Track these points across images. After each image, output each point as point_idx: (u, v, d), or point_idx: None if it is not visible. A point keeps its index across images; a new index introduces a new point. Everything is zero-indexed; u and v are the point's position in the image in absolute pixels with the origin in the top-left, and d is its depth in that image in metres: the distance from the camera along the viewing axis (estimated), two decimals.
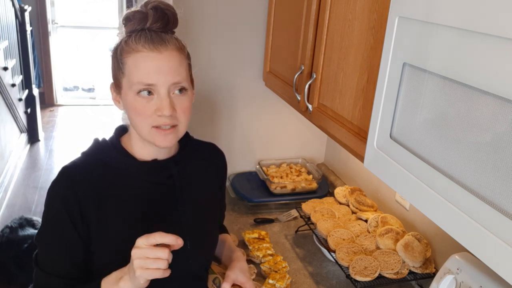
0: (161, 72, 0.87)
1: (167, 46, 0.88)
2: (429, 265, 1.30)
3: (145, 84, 0.87)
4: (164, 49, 0.87)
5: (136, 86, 0.88)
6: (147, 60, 0.87)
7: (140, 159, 0.99)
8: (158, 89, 0.88)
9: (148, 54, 0.87)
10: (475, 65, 0.60)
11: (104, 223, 0.93)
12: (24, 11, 4.05)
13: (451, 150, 0.66)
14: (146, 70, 0.87)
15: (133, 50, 0.88)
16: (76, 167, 0.95)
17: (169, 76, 0.88)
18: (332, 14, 1.17)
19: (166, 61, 0.87)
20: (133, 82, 0.88)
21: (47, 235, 0.95)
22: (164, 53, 0.87)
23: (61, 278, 0.93)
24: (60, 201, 0.91)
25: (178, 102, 0.91)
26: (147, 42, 0.87)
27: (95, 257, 0.95)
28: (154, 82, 0.87)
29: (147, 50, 0.87)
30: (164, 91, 0.88)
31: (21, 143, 4.02)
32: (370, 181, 1.70)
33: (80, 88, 5.80)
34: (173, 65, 0.88)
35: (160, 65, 0.87)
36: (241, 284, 1.03)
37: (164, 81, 0.88)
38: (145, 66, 0.87)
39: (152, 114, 0.89)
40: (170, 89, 0.89)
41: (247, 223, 1.67)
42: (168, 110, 0.88)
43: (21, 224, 2.60)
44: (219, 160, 1.17)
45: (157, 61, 0.87)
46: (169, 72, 0.88)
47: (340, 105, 1.14)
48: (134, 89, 0.89)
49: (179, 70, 0.89)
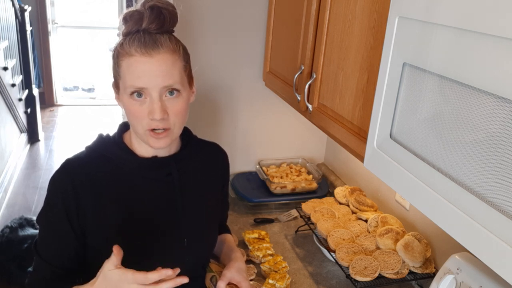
0: (151, 76, 0.88)
1: (159, 49, 0.88)
2: (429, 265, 1.30)
3: (136, 87, 0.88)
4: (156, 53, 0.87)
5: (129, 89, 0.89)
6: (138, 64, 0.88)
7: (141, 156, 1.00)
8: (149, 92, 0.89)
9: (139, 59, 0.87)
10: (475, 65, 0.60)
11: (102, 218, 0.95)
12: (24, 11, 4.04)
13: (451, 150, 0.66)
14: (137, 74, 0.88)
15: (127, 54, 0.88)
16: (78, 161, 0.97)
17: (159, 79, 0.88)
18: (332, 14, 1.17)
19: (157, 65, 0.88)
20: (126, 85, 0.90)
21: (43, 223, 0.98)
22: (155, 57, 0.87)
23: (52, 266, 0.96)
24: (58, 193, 0.94)
25: (171, 105, 0.91)
26: (140, 46, 0.87)
27: (91, 250, 0.97)
28: (144, 86, 0.88)
29: (139, 54, 0.87)
30: (156, 95, 0.89)
31: (21, 143, 4.02)
32: (370, 181, 1.70)
33: (80, 88, 5.80)
34: (165, 68, 0.88)
35: (150, 68, 0.87)
36: (237, 283, 1.04)
37: (154, 84, 0.88)
38: (136, 70, 0.88)
39: (146, 117, 0.90)
40: (161, 92, 0.89)
41: (247, 223, 1.67)
42: (159, 113, 0.88)
43: (21, 224, 2.61)
44: (221, 159, 1.17)
45: (148, 64, 0.87)
46: (160, 76, 0.88)
47: (340, 105, 1.14)
48: (127, 91, 0.90)
49: (171, 72, 0.89)
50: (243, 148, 1.93)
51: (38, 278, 0.98)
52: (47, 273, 0.97)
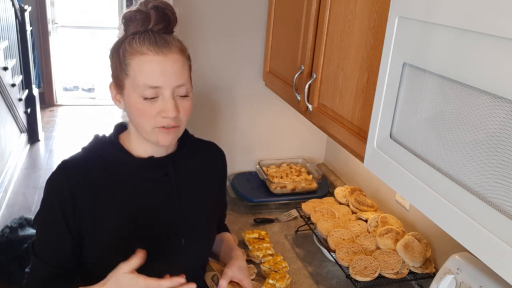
0: (165, 75, 0.89)
1: (171, 48, 0.90)
2: (429, 265, 1.30)
3: (151, 86, 0.89)
4: (168, 51, 0.89)
5: (142, 88, 0.89)
6: (152, 63, 0.88)
7: (137, 156, 1.00)
8: (162, 91, 0.90)
9: (154, 58, 0.88)
10: (474, 64, 0.60)
11: (98, 218, 0.95)
12: (24, 11, 4.04)
13: (451, 150, 0.66)
14: (151, 73, 0.89)
15: (137, 52, 0.89)
16: (75, 162, 0.97)
17: (173, 79, 0.90)
18: (332, 14, 1.17)
19: (171, 64, 0.89)
20: (138, 85, 0.89)
21: (40, 224, 0.98)
22: (168, 56, 0.89)
23: (50, 266, 0.96)
24: (55, 194, 0.94)
25: (182, 104, 0.93)
26: (152, 45, 0.88)
27: (88, 250, 0.97)
28: (159, 85, 0.89)
29: (152, 53, 0.88)
30: (169, 93, 0.90)
31: (21, 143, 4.02)
32: (370, 181, 1.70)
33: (80, 88, 5.80)
34: (177, 68, 0.90)
35: (165, 67, 0.89)
36: (238, 281, 1.03)
37: (169, 83, 0.89)
38: (150, 69, 0.88)
39: (156, 115, 0.91)
40: (174, 91, 0.91)
41: (247, 223, 1.67)
42: (173, 112, 0.90)
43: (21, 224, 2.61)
44: (218, 159, 1.17)
45: (163, 63, 0.89)
46: (173, 75, 0.90)
47: (340, 105, 1.14)
48: (139, 91, 0.90)
49: (182, 72, 0.92)
50: (243, 148, 1.93)
51: (36, 278, 0.98)
52: (45, 273, 0.97)
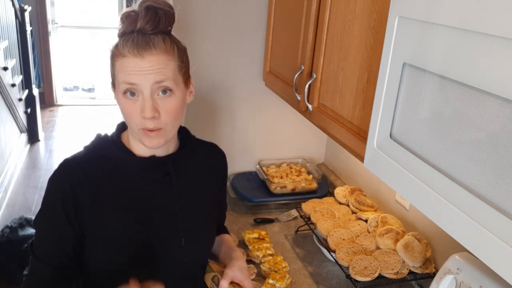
0: (142, 73, 0.88)
1: (151, 50, 0.88)
2: (429, 265, 1.30)
3: (128, 83, 0.89)
4: (148, 54, 0.88)
5: (122, 86, 0.90)
6: (129, 63, 0.88)
7: (139, 155, 1.00)
8: (141, 89, 0.89)
9: (131, 59, 0.88)
10: (474, 65, 0.60)
11: (99, 217, 0.95)
12: (24, 11, 4.04)
13: (451, 150, 0.66)
14: (128, 71, 0.88)
15: (120, 55, 0.89)
16: (76, 161, 0.97)
17: (150, 76, 0.88)
18: (332, 14, 1.17)
19: (148, 65, 0.88)
20: (119, 82, 0.90)
21: (41, 223, 0.97)
22: (147, 58, 0.88)
23: (51, 266, 0.96)
24: (57, 194, 0.94)
25: (163, 104, 0.90)
26: (132, 47, 0.88)
27: (89, 249, 0.97)
28: (135, 82, 0.88)
29: (131, 55, 0.88)
30: (147, 92, 0.89)
31: (21, 143, 4.02)
32: (370, 181, 1.70)
33: (80, 88, 5.80)
34: (156, 67, 0.89)
35: (142, 66, 0.88)
36: (239, 282, 1.03)
37: (145, 80, 0.88)
38: (127, 68, 0.88)
39: (138, 115, 0.90)
40: (153, 90, 0.89)
41: (247, 223, 1.67)
42: (150, 111, 0.88)
43: (21, 224, 2.61)
44: (219, 160, 1.17)
45: (140, 63, 0.88)
46: (151, 73, 0.88)
47: (340, 105, 1.14)
48: (121, 89, 0.90)
49: (162, 70, 0.89)
50: (243, 148, 1.93)
51: (36, 279, 0.97)
52: (45, 274, 0.96)
